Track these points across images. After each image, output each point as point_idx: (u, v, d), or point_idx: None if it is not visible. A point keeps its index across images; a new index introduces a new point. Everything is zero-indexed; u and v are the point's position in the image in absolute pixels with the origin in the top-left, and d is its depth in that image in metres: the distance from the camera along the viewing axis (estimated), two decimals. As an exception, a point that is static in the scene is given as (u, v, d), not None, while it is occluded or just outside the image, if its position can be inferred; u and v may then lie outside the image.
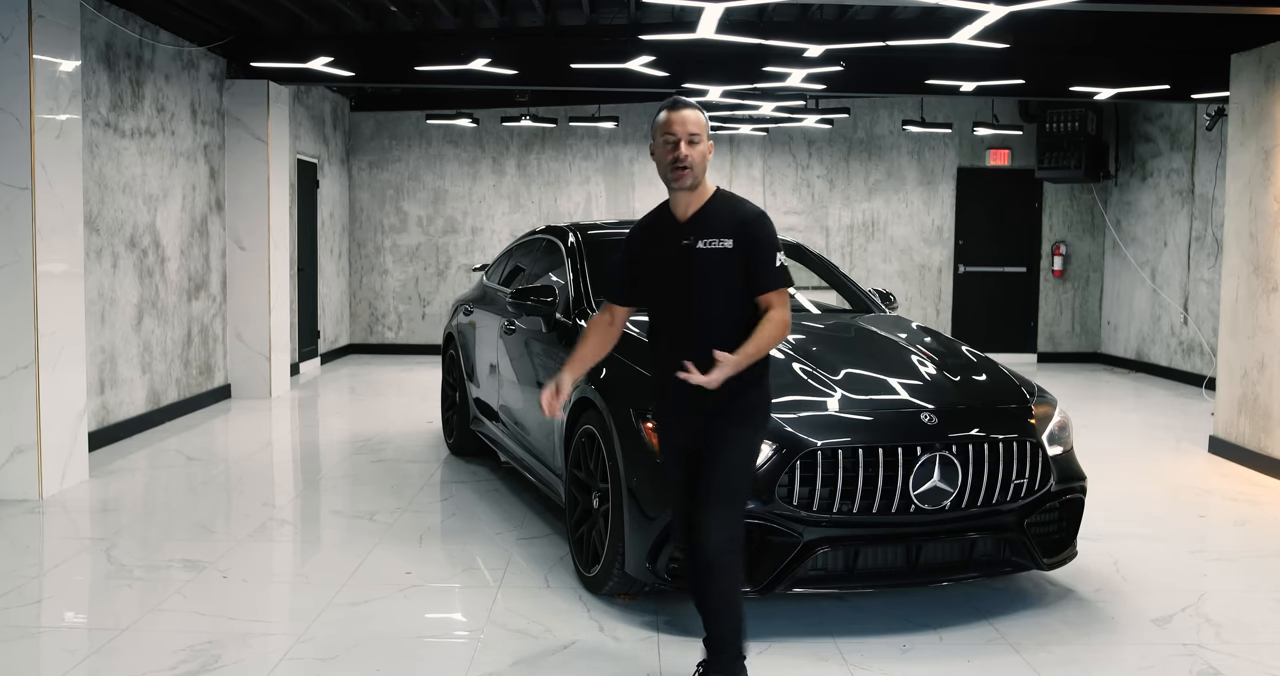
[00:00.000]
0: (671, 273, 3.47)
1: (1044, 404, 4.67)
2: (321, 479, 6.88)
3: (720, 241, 3.39)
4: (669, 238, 3.47)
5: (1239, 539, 5.77)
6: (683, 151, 3.38)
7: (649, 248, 3.57)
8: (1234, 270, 7.65)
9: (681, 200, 3.48)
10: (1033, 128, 12.74)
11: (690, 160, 3.38)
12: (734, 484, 3.44)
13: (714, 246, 3.39)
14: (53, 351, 6.16)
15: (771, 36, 7.74)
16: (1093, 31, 8.94)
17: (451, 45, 9.02)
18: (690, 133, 3.39)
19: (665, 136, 3.41)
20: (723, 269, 3.41)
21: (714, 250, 3.40)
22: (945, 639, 4.19)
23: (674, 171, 3.41)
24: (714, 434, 3.43)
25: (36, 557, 5.12)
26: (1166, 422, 9.17)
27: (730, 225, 3.42)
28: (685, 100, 3.45)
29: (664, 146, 3.42)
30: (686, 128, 3.40)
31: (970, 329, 12.86)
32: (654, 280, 3.54)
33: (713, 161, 14.02)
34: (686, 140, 3.39)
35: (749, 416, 3.49)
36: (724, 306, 3.44)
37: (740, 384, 3.38)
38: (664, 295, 3.52)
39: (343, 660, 3.91)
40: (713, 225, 3.42)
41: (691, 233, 3.43)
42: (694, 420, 3.47)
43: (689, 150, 3.38)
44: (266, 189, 9.57)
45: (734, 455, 3.44)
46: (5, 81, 5.88)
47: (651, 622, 4.29)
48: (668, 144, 3.41)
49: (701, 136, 3.41)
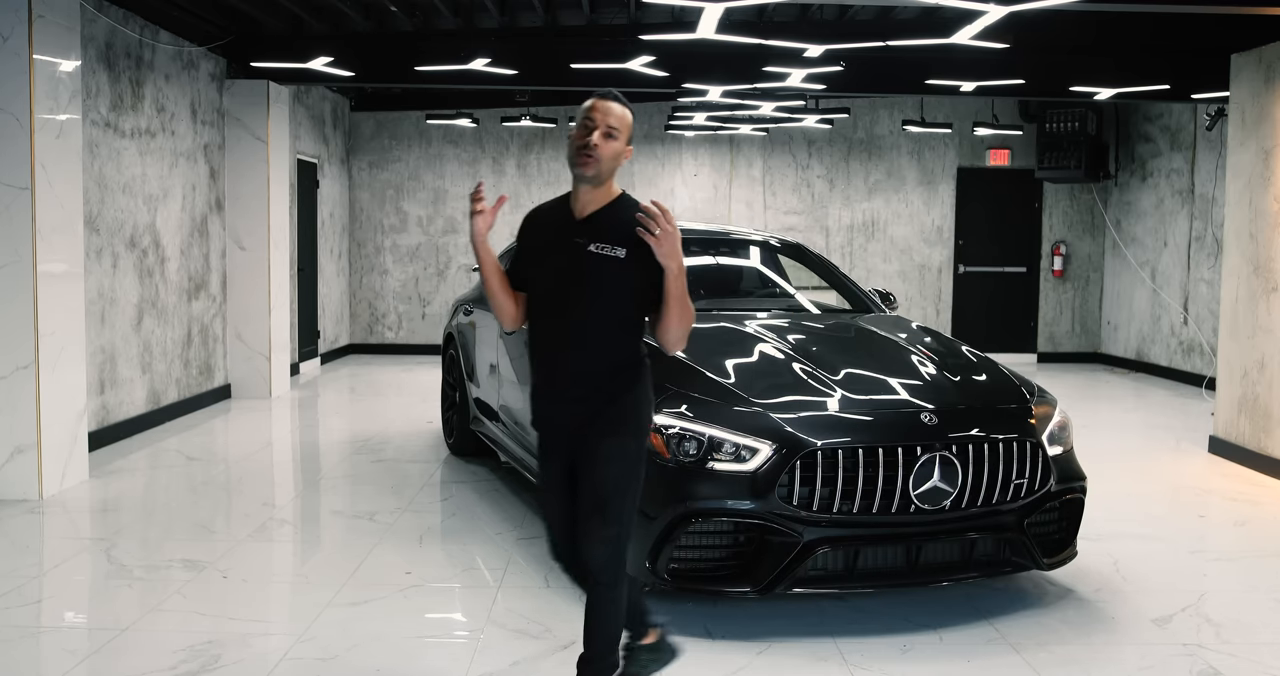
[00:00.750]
0: (557, 270, 3.25)
1: (1044, 404, 4.67)
2: (321, 479, 6.88)
3: (614, 249, 3.17)
4: (561, 233, 3.25)
5: (1239, 539, 5.77)
6: (594, 139, 3.16)
7: (538, 237, 3.34)
8: (1234, 270, 7.65)
9: (582, 195, 3.26)
10: (1033, 128, 12.74)
11: (599, 151, 3.16)
12: (614, 497, 3.20)
13: (605, 253, 3.17)
14: (53, 351, 6.16)
15: (771, 36, 7.74)
16: (1093, 31, 8.94)
17: (451, 45, 9.02)
18: (610, 125, 3.18)
19: (585, 121, 3.20)
20: (610, 278, 3.19)
21: (605, 257, 3.17)
22: (945, 639, 4.20)
23: (579, 156, 3.18)
24: (589, 444, 3.21)
25: (36, 557, 5.12)
26: (1166, 422, 9.17)
27: (627, 235, 3.16)
28: (619, 95, 3.25)
29: (579, 129, 3.20)
30: (608, 119, 3.19)
31: (970, 329, 12.86)
32: (538, 273, 3.30)
33: (715, 161, 13.98)
34: (603, 130, 3.17)
35: (625, 422, 3.25)
36: (605, 314, 3.22)
37: (615, 388, 3.23)
38: (546, 291, 3.29)
39: (343, 660, 3.91)
40: (609, 231, 3.20)
41: (585, 234, 3.21)
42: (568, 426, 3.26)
43: (600, 141, 3.16)
44: (266, 189, 9.57)
45: (612, 468, 3.20)
46: (5, 81, 5.88)
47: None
48: (583, 128, 3.20)
49: (621, 134, 3.20)
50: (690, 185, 13.13)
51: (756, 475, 4.09)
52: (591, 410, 3.22)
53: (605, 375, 3.21)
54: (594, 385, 3.23)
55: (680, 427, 4.20)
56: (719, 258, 6.47)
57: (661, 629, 3.56)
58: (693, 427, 4.19)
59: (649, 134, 13.04)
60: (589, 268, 3.19)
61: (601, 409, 3.22)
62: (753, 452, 4.12)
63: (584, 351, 3.22)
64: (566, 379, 3.26)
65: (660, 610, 4.40)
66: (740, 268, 6.53)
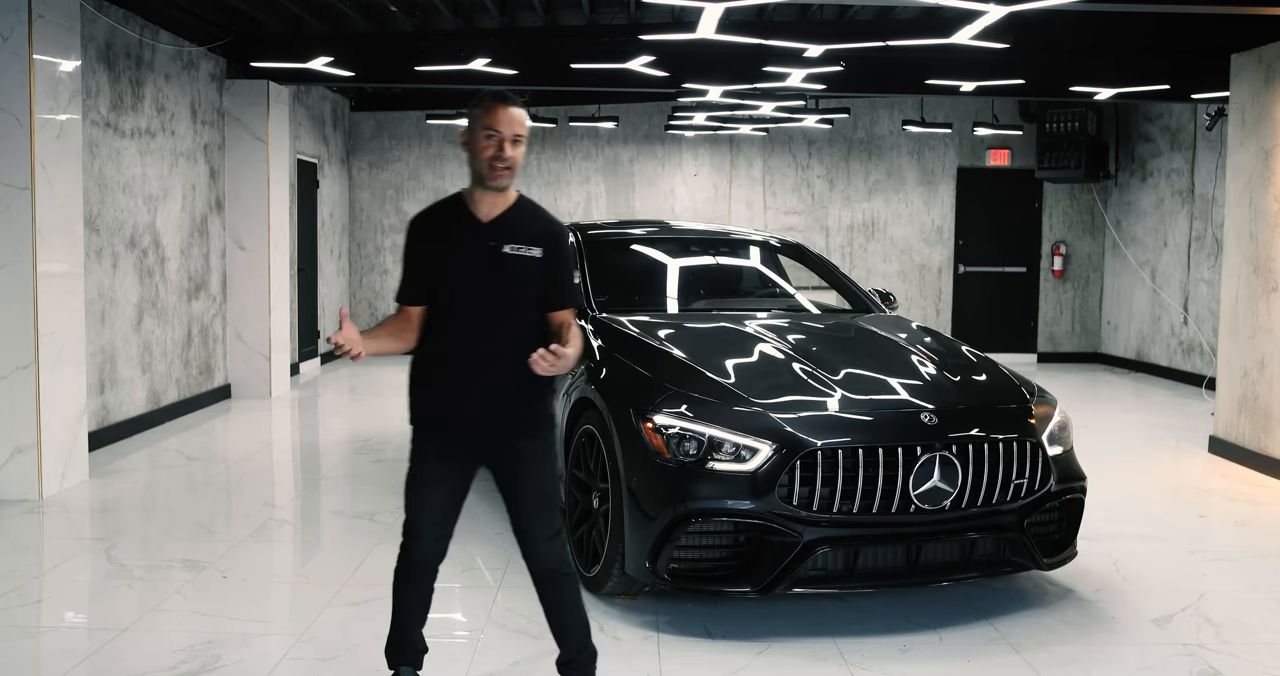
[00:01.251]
0: (471, 275, 3.24)
1: (1044, 404, 4.67)
2: (321, 479, 6.88)
3: (529, 249, 3.24)
4: (470, 238, 3.25)
5: (1239, 539, 5.77)
6: (507, 151, 3.18)
7: (441, 244, 3.29)
8: (1234, 270, 7.65)
9: (488, 200, 3.27)
10: (1033, 128, 12.74)
11: (513, 160, 3.20)
12: (549, 495, 3.35)
13: (521, 253, 3.24)
14: (53, 351, 6.16)
15: (771, 36, 7.74)
16: (1093, 31, 8.94)
17: (451, 45, 9.01)
18: (515, 132, 3.19)
19: (489, 131, 3.18)
20: (527, 278, 3.25)
21: (522, 257, 3.24)
22: (945, 639, 4.20)
23: (493, 169, 3.19)
24: (511, 447, 3.31)
25: (36, 557, 5.12)
26: (1166, 422, 9.17)
27: (539, 234, 3.28)
28: (513, 97, 3.22)
29: (485, 140, 3.18)
30: (513, 127, 3.19)
31: (970, 329, 12.86)
32: (446, 277, 3.27)
33: (715, 161, 13.96)
34: (511, 139, 3.19)
35: (542, 422, 3.36)
36: (519, 314, 3.28)
37: (530, 397, 3.29)
38: (457, 297, 3.26)
39: (343, 660, 3.91)
40: (521, 231, 3.26)
41: (497, 236, 3.24)
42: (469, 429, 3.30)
43: (513, 151, 3.20)
44: (266, 189, 9.57)
45: (546, 467, 3.35)
46: (5, 81, 5.88)
47: (651, 622, 4.29)
48: (490, 139, 3.18)
49: (524, 138, 3.23)
50: (690, 185, 13.13)
51: (756, 475, 4.09)
52: (510, 411, 3.28)
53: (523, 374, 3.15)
54: (514, 386, 3.26)
55: (680, 427, 4.20)
56: (719, 258, 6.48)
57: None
58: (693, 427, 4.19)
59: (649, 134, 13.04)
60: (506, 268, 3.23)
61: (519, 411, 3.29)
62: (753, 452, 4.12)
63: (502, 351, 3.25)
64: (475, 379, 3.26)
65: (660, 610, 4.41)
66: (740, 268, 6.54)
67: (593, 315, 5.34)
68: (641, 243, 6.37)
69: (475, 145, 3.22)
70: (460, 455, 3.35)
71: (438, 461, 3.35)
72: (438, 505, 3.38)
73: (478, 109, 3.22)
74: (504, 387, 3.27)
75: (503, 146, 3.18)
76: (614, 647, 4.06)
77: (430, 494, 3.37)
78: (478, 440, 3.32)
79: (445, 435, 3.35)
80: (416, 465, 3.38)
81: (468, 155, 3.27)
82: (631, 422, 4.32)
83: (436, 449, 3.36)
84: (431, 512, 3.39)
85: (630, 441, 4.30)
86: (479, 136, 3.20)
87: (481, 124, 3.20)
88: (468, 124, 3.25)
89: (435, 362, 3.33)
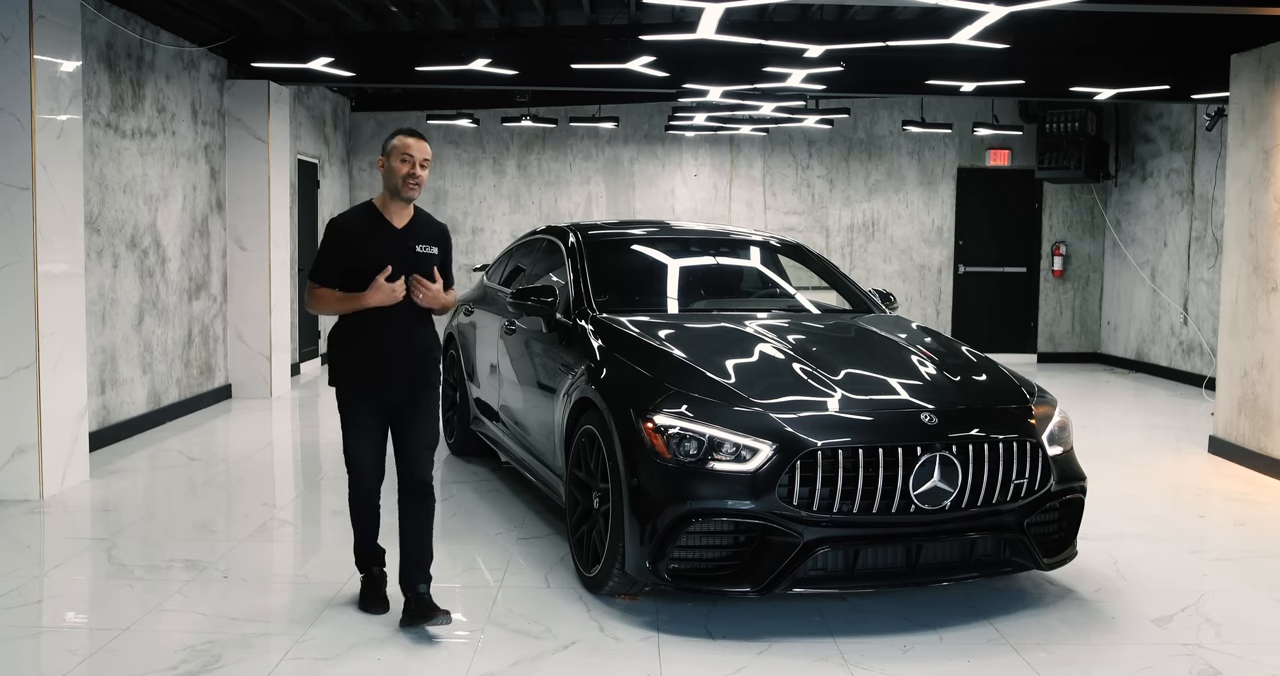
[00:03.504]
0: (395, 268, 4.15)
1: (1044, 404, 4.68)
2: (322, 479, 6.88)
3: (430, 248, 4.28)
4: (390, 240, 4.21)
5: (1239, 539, 5.77)
6: (417, 171, 4.18)
7: (363, 242, 4.21)
8: (1234, 270, 7.66)
9: (399, 210, 4.27)
10: (1033, 128, 12.74)
11: (422, 180, 4.21)
12: (435, 431, 4.40)
13: (427, 251, 4.27)
14: (53, 351, 6.16)
15: (771, 37, 7.74)
16: (1093, 32, 8.94)
17: (452, 45, 9.02)
18: (423, 158, 4.20)
19: (404, 155, 4.17)
20: (429, 269, 4.25)
21: (428, 254, 4.27)
22: (945, 639, 4.20)
23: (407, 184, 4.18)
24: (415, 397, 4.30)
25: (37, 557, 5.13)
26: (1166, 422, 9.17)
27: (434, 236, 4.34)
28: (420, 132, 4.26)
29: (402, 163, 4.17)
30: (423, 153, 4.20)
31: (970, 329, 12.87)
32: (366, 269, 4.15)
33: (715, 161, 13.93)
34: (420, 163, 4.19)
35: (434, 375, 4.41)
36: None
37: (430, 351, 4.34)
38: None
39: (343, 660, 3.92)
40: (424, 234, 4.30)
41: (411, 239, 4.25)
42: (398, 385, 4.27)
43: (421, 173, 4.20)
44: (267, 189, 9.58)
45: (434, 411, 4.41)
46: (6, 82, 5.88)
47: (651, 622, 4.30)
48: (406, 162, 4.17)
49: (429, 163, 4.24)
50: (690, 185, 13.13)
51: (757, 475, 4.10)
52: (415, 370, 4.31)
53: (427, 340, 4.32)
54: (421, 350, 4.30)
55: (680, 427, 4.20)
56: (719, 258, 6.48)
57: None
58: (693, 427, 4.20)
59: (649, 134, 13.05)
60: (423, 264, 4.25)
61: (421, 369, 4.33)
62: (753, 452, 4.13)
63: (414, 324, 4.27)
64: (402, 347, 4.25)
65: (660, 610, 4.41)
66: (740, 268, 6.54)
67: (593, 315, 5.34)
68: (642, 243, 6.37)
69: (391, 166, 4.20)
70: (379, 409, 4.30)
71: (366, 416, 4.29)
72: (373, 445, 4.31)
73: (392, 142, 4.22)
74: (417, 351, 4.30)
75: (415, 169, 4.19)
76: (614, 647, 4.06)
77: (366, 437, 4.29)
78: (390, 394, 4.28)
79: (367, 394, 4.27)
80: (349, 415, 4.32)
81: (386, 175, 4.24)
82: (632, 423, 4.32)
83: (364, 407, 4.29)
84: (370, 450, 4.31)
85: (630, 441, 4.30)
86: (395, 161, 4.19)
87: (397, 152, 4.19)
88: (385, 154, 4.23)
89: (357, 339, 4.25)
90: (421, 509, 4.31)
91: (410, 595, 4.22)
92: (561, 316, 5.53)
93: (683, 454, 4.17)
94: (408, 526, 4.30)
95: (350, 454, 4.33)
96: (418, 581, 4.23)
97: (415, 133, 4.25)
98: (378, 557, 4.49)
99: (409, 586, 4.23)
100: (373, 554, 4.48)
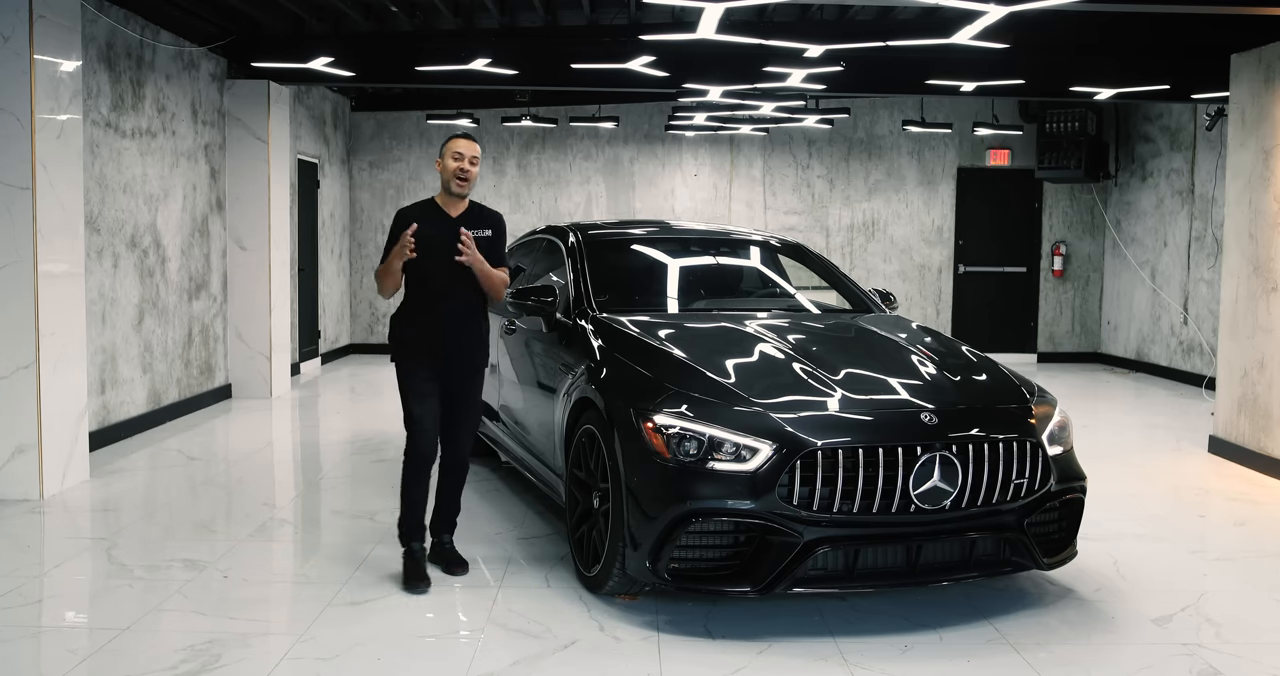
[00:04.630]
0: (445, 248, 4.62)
1: (1044, 404, 4.67)
2: (322, 479, 6.88)
3: (482, 231, 4.78)
4: (446, 226, 4.69)
5: (1239, 539, 5.77)
6: (466, 167, 4.75)
7: (425, 230, 4.62)
8: (1234, 270, 7.66)
9: (454, 204, 4.80)
10: (1033, 128, 12.74)
11: (471, 175, 4.76)
12: (479, 415, 5.00)
13: (480, 233, 4.76)
14: (53, 351, 6.17)
15: (771, 36, 7.74)
16: (1093, 32, 8.94)
17: (452, 45, 9.02)
18: (473, 156, 4.76)
19: (456, 154, 4.75)
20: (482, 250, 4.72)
21: (481, 237, 4.75)
22: (945, 639, 4.20)
23: (458, 181, 4.74)
24: (466, 370, 4.82)
25: (37, 557, 5.13)
26: (1166, 422, 9.17)
27: (487, 221, 4.87)
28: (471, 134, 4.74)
29: (454, 160, 4.74)
30: (472, 151, 4.76)
31: (970, 329, 12.87)
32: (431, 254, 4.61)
33: (715, 161, 14.01)
34: (469, 161, 4.75)
35: (484, 351, 4.92)
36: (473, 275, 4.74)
37: (480, 326, 4.85)
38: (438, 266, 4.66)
39: (343, 660, 3.92)
40: (476, 222, 4.79)
41: (463, 225, 4.71)
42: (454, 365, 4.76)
43: (471, 168, 4.76)
44: (267, 189, 9.58)
45: (479, 392, 4.94)
46: (6, 81, 5.88)
47: (651, 622, 4.30)
48: (456, 159, 4.74)
49: (479, 160, 4.80)
50: (690, 185, 13.13)
51: (757, 475, 4.10)
52: (467, 343, 4.80)
53: (477, 315, 4.83)
54: (472, 324, 4.81)
55: (680, 427, 4.20)
56: (719, 258, 6.48)
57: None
58: (693, 427, 4.19)
59: (649, 134, 13.05)
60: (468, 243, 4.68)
61: (472, 342, 4.83)
62: (753, 452, 4.13)
63: (468, 309, 4.80)
64: (456, 321, 4.75)
65: (661, 610, 4.41)
66: (740, 268, 6.53)
67: (593, 315, 5.34)
68: (642, 243, 6.37)
69: (446, 164, 4.77)
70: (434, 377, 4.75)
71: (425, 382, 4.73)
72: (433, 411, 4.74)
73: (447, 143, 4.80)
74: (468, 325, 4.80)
75: (466, 165, 4.75)
76: (614, 647, 4.06)
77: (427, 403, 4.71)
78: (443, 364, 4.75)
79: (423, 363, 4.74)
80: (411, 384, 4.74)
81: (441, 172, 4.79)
82: (632, 422, 4.32)
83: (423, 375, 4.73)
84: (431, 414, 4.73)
85: (631, 441, 4.30)
86: (449, 159, 4.77)
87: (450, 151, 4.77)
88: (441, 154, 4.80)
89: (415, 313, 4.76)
90: (456, 472, 4.94)
91: (435, 541, 4.96)
92: (561, 316, 5.53)
93: (683, 454, 4.17)
94: (443, 484, 4.94)
95: (413, 416, 4.71)
96: (443, 530, 4.96)
97: (467, 135, 4.82)
98: (420, 532, 4.83)
99: (436, 534, 4.95)
100: (418, 527, 4.82)
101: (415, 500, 4.80)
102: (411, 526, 4.82)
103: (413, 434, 4.73)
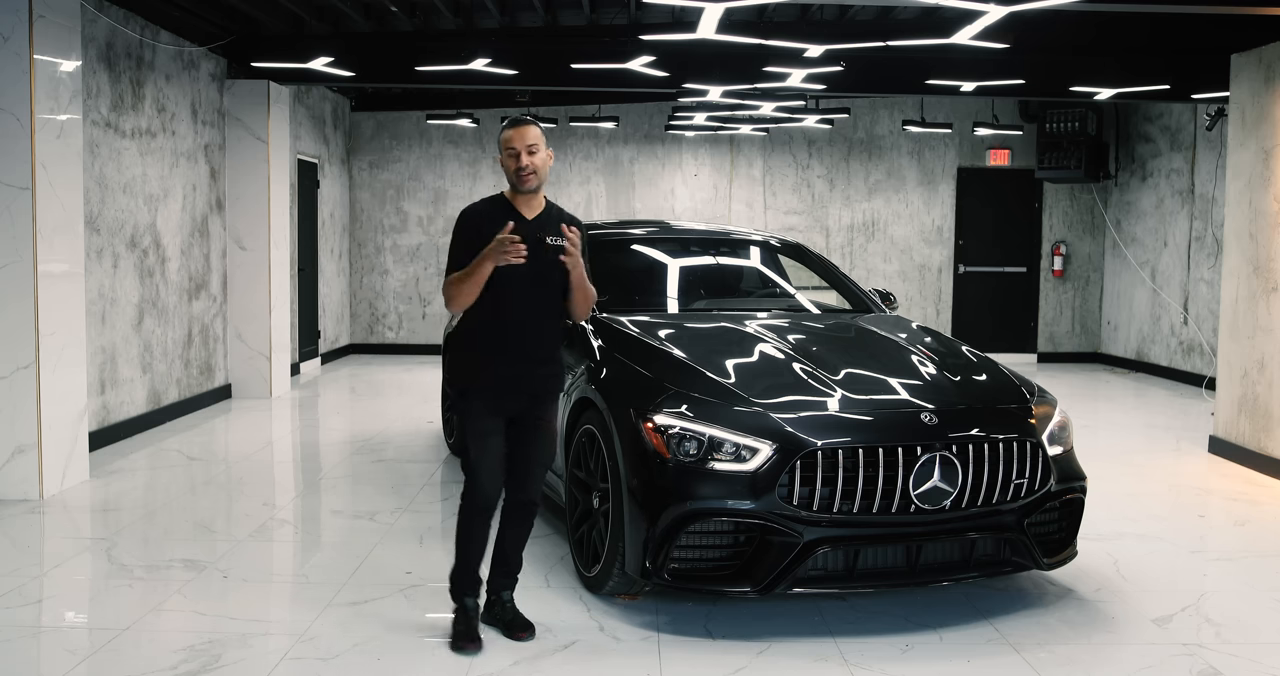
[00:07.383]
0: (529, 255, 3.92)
1: (1044, 404, 4.67)
2: (322, 479, 6.88)
3: (559, 240, 3.98)
4: (521, 228, 3.95)
5: (1239, 539, 5.77)
6: (524, 161, 3.97)
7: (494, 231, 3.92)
8: (1234, 270, 7.66)
9: (526, 201, 4.08)
10: (1033, 128, 12.74)
11: (533, 165, 3.98)
12: (553, 448, 4.24)
13: (556, 243, 3.98)
14: (53, 351, 6.16)
15: (771, 36, 7.73)
16: (1093, 32, 8.94)
17: (452, 45, 9.01)
18: (528, 144, 3.97)
19: (509, 150, 3.99)
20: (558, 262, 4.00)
21: (556, 246, 3.98)
22: (945, 639, 4.20)
23: (520, 176, 3.99)
24: (538, 403, 4.11)
25: (37, 557, 5.13)
26: (1166, 422, 9.17)
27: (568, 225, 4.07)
28: (523, 118, 4.01)
29: (509, 158, 4.00)
30: (525, 140, 3.97)
31: (970, 329, 12.87)
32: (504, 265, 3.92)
33: (715, 161, 13.95)
34: (526, 151, 3.96)
35: (559, 381, 4.24)
36: (555, 289, 4.08)
37: (555, 349, 4.16)
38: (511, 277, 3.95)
39: (343, 660, 3.92)
40: (553, 227, 4.04)
41: (541, 230, 4.03)
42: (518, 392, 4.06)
43: (529, 159, 3.97)
44: (267, 189, 9.58)
45: (554, 425, 4.21)
46: (6, 81, 5.88)
47: (651, 622, 4.30)
48: (511, 155, 3.99)
49: (539, 146, 3.99)
50: (690, 185, 13.13)
51: (757, 475, 4.10)
52: (542, 370, 4.10)
53: (553, 337, 4.14)
54: (546, 347, 4.11)
55: (680, 427, 4.20)
56: (719, 258, 6.48)
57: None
58: (693, 427, 4.19)
59: (649, 134, 13.04)
60: (552, 255, 3.99)
61: (546, 370, 4.12)
62: (753, 452, 4.13)
63: (543, 319, 4.09)
64: (531, 343, 4.06)
65: (660, 610, 4.41)
66: (740, 267, 6.54)
67: (593, 315, 5.34)
68: (642, 243, 6.37)
69: (505, 164, 4.03)
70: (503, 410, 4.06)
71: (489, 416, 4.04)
72: (494, 453, 4.05)
73: (499, 138, 4.05)
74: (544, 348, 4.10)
75: (520, 158, 3.97)
76: (614, 647, 4.06)
77: (489, 444, 4.03)
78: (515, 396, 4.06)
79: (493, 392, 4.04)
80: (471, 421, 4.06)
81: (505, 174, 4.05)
82: (632, 422, 4.32)
83: (489, 407, 4.04)
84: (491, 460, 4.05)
85: (630, 441, 4.30)
86: (505, 157, 4.02)
87: (503, 147, 4.02)
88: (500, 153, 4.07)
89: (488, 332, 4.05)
90: (525, 521, 4.22)
91: (494, 598, 4.23)
92: (561, 316, 5.52)
93: (683, 454, 4.17)
94: (508, 535, 4.21)
95: (472, 465, 4.05)
96: (504, 587, 4.24)
97: (516, 122, 4.03)
98: (475, 587, 4.17)
99: (495, 590, 4.24)
100: (472, 582, 4.16)
101: (470, 551, 4.12)
102: (465, 579, 4.14)
103: (469, 483, 4.06)
